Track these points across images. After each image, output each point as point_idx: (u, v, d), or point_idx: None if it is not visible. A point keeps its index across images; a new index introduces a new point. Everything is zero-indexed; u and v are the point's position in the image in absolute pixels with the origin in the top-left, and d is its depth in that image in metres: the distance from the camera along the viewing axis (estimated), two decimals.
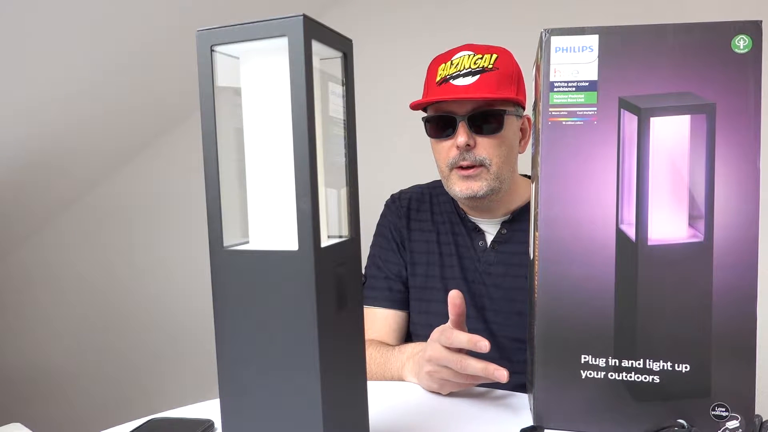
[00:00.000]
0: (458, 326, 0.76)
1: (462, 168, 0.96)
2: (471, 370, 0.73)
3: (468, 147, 0.94)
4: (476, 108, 0.94)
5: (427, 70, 1.01)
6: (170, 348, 2.17)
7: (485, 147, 0.95)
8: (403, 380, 0.89)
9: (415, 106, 1.00)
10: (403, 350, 0.92)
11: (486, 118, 0.94)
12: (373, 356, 0.96)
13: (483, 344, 0.71)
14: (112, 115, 1.79)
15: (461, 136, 0.93)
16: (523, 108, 1.01)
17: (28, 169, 1.77)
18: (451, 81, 0.94)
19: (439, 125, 0.97)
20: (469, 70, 0.93)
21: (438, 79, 0.96)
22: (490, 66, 0.93)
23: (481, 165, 0.95)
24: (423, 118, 1.01)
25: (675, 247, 0.63)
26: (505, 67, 0.95)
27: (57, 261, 2.18)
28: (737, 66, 0.62)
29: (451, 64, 0.95)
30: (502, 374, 0.71)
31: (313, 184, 0.48)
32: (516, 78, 0.97)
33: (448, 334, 0.75)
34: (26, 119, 1.58)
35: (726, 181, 0.62)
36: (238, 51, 0.51)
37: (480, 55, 0.94)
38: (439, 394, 0.82)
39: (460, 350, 0.75)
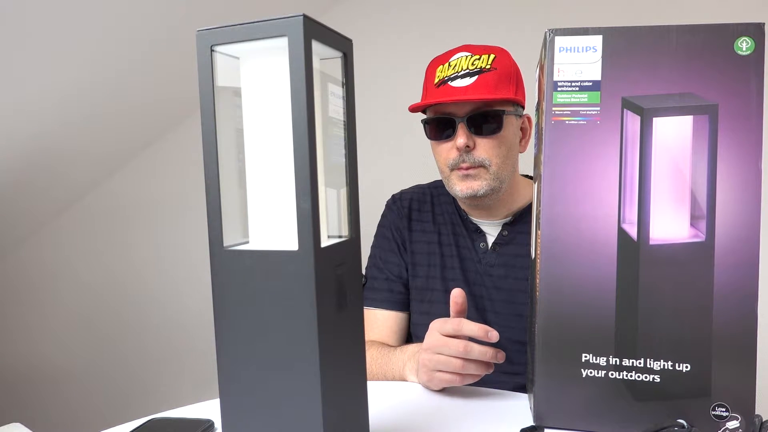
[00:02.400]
0: None
1: (462, 168, 0.96)
2: (476, 354, 0.75)
3: (468, 148, 0.94)
4: (475, 109, 0.93)
5: (426, 72, 1.01)
6: (170, 348, 2.17)
7: (485, 148, 0.95)
8: (404, 380, 0.89)
9: (414, 109, 1.00)
10: (405, 350, 0.92)
11: (485, 119, 0.94)
12: (374, 357, 0.96)
13: (493, 334, 0.74)
14: (111, 115, 1.79)
15: (461, 138, 0.93)
16: (523, 107, 1.00)
17: (28, 169, 1.77)
18: (449, 83, 0.94)
19: (439, 127, 0.97)
20: (467, 71, 0.93)
21: (436, 80, 0.96)
22: (488, 66, 0.93)
23: (481, 166, 0.95)
24: (422, 120, 1.01)
25: (676, 246, 0.63)
26: (503, 67, 0.94)
27: (57, 261, 2.17)
28: (740, 67, 0.61)
29: (449, 65, 0.95)
30: (502, 355, 0.76)
31: (313, 184, 0.48)
32: (514, 77, 0.96)
33: (454, 324, 0.76)
34: (26, 119, 1.58)
35: (728, 181, 0.62)
36: (238, 51, 0.51)
37: (477, 56, 0.94)
38: (437, 393, 0.82)
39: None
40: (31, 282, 2.18)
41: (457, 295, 0.77)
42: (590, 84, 0.65)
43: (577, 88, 0.65)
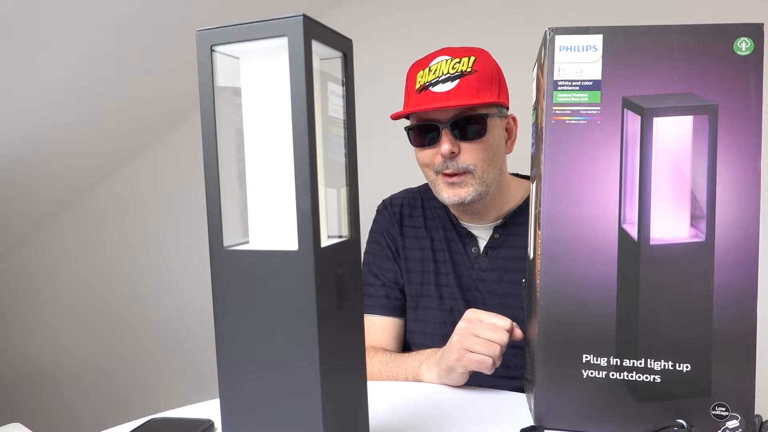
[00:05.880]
0: None
1: (447, 175, 0.94)
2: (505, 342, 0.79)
3: (453, 154, 0.93)
4: (458, 114, 0.92)
5: (406, 78, 0.99)
6: (170, 348, 2.17)
7: (470, 152, 0.93)
8: (418, 378, 0.88)
9: (396, 117, 0.98)
10: (421, 352, 0.92)
11: (469, 123, 0.92)
12: (383, 361, 0.95)
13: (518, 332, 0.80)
14: (111, 115, 1.79)
15: (445, 144, 0.92)
16: (507, 108, 0.99)
17: (28, 169, 1.77)
18: (430, 88, 0.92)
19: (422, 133, 0.95)
20: (448, 75, 0.91)
21: (417, 86, 0.94)
22: (469, 69, 0.91)
23: (466, 171, 0.94)
24: (405, 128, 0.99)
25: (677, 246, 0.63)
26: (485, 69, 0.93)
27: (56, 261, 2.18)
28: (739, 68, 0.62)
29: (429, 70, 0.93)
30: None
31: (313, 183, 0.48)
32: (496, 78, 0.95)
33: (503, 318, 0.80)
34: (25, 119, 1.58)
35: (727, 181, 0.62)
36: (238, 51, 0.51)
37: (458, 59, 0.92)
38: (437, 393, 0.82)
39: None
40: (31, 282, 2.18)
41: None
42: (591, 83, 0.65)
43: (578, 88, 0.65)
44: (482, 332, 0.78)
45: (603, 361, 0.65)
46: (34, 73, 1.45)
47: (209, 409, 0.77)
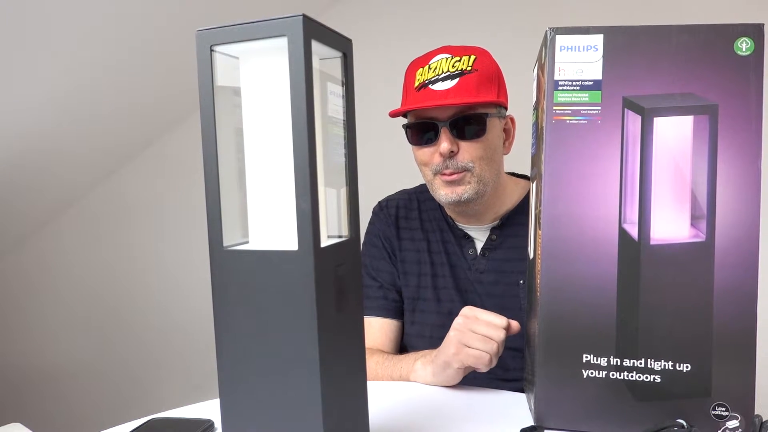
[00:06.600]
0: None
1: (445, 174, 0.94)
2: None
3: (452, 153, 0.92)
4: (458, 113, 0.91)
5: (405, 75, 0.99)
6: (170, 348, 2.17)
7: (468, 151, 0.93)
8: (410, 376, 0.88)
9: (394, 114, 0.97)
10: (418, 352, 0.91)
11: (468, 123, 0.92)
12: (378, 361, 0.95)
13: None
14: (111, 114, 1.79)
15: (444, 143, 0.91)
16: (506, 108, 0.99)
17: (28, 169, 1.77)
18: (430, 86, 0.92)
19: (421, 131, 0.95)
20: (448, 73, 0.91)
21: (416, 84, 0.94)
22: (469, 68, 0.91)
23: (465, 170, 0.93)
24: (404, 125, 0.99)
25: (677, 246, 0.63)
26: (485, 68, 0.92)
27: (56, 261, 2.17)
28: (739, 68, 0.62)
29: (429, 68, 0.93)
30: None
31: (312, 184, 0.48)
32: (496, 78, 0.94)
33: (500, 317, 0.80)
34: (25, 119, 1.58)
35: (728, 181, 0.62)
36: (237, 51, 0.51)
37: (458, 57, 0.92)
38: (437, 393, 0.82)
39: None
40: (31, 282, 2.18)
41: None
42: (591, 83, 0.65)
43: (578, 88, 0.65)
44: (479, 328, 0.78)
45: (603, 361, 0.65)
46: (34, 73, 1.45)
47: (209, 409, 0.77)
